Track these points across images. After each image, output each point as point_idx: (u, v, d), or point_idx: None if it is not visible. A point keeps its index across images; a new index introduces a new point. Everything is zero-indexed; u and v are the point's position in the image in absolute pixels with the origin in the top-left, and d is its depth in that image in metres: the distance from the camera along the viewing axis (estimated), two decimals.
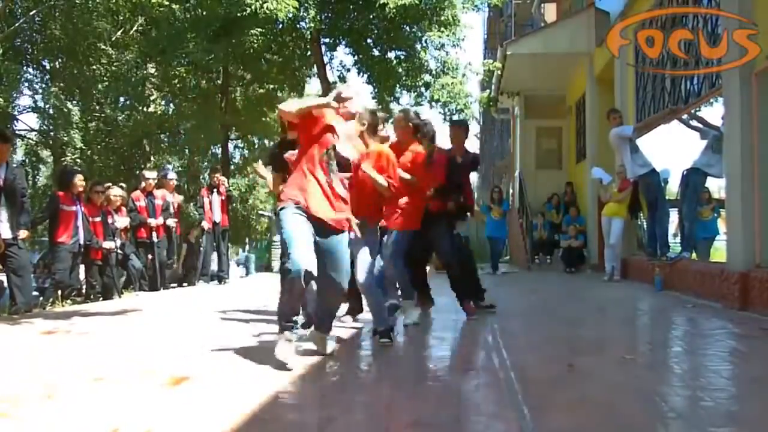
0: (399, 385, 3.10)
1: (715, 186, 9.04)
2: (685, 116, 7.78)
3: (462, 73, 14.04)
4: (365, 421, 2.58)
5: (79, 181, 8.03)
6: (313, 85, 18.22)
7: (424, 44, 13.63)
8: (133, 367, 3.53)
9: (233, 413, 2.57)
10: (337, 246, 3.65)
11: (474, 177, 23.70)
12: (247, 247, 28.29)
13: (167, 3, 14.20)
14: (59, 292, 7.80)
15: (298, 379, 3.22)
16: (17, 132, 18.62)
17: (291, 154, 4.13)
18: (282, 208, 3.58)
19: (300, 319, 3.97)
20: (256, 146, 21.42)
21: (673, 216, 8.72)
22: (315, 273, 3.38)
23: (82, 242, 7.95)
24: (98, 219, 8.38)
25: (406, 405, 2.75)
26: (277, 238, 10.21)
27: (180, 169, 20.48)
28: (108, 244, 8.38)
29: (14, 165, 7.12)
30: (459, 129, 6.03)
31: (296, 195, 3.58)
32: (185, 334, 4.85)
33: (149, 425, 2.49)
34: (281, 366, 3.43)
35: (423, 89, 13.90)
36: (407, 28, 13.20)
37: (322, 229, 3.60)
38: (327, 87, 14.43)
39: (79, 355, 3.95)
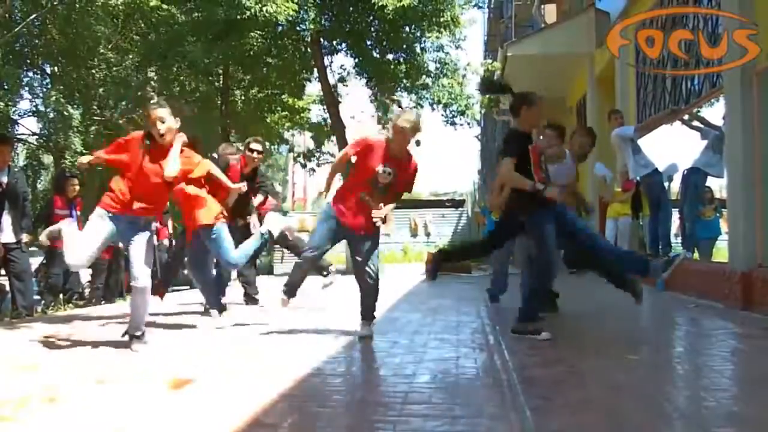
0: (401, 386, 3.09)
1: (717, 185, 9.03)
2: (686, 116, 7.78)
3: (462, 74, 14.03)
4: (367, 421, 2.57)
5: (73, 185, 8.03)
6: (313, 88, 18.19)
7: (423, 45, 13.63)
8: (135, 370, 3.53)
9: (236, 416, 2.57)
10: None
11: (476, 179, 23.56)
12: None
13: (166, 7, 14.19)
14: (61, 296, 7.81)
15: (301, 381, 3.22)
16: (18, 136, 18.61)
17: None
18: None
19: None
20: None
21: (675, 216, 8.71)
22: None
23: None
24: None
25: (407, 405, 2.75)
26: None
27: None
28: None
29: (16, 169, 7.13)
30: None
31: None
32: (187, 336, 4.85)
33: (152, 428, 2.49)
34: (283, 367, 3.43)
35: (423, 91, 13.89)
36: (407, 28, 13.19)
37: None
38: (327, 89, 14.42)
39: (82, 359, 3.95)
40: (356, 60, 14.16)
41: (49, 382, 3.21)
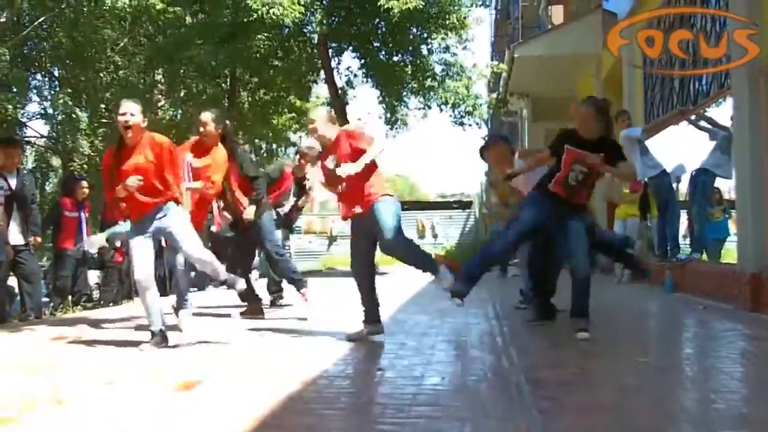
0: (409, 388, 3.09)
1: (726, 187, 9.00)
2: (693, 117, 7.74)
3: (468, 76, 14.02)
4: (375, 423, 2.57)
5: (82, 188, 8.07)
6: (320, 90, 18.21)
7: (430, 47, 13.64)
8: (143, 372, 3.54)
9: (244, 417, 2.57)
10: None
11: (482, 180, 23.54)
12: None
13: (173, 10, 14.25)
14: (70, 298, 7.84)
15: (309, 383, 3.22)
16: (27, 138, 18.74)
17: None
18: None
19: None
20: (263, 150, 21.42)
21: (683, 217, 8.68)
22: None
23: (86, 249, 8.00)
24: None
25: (415, 407, 2.74)
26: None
27: None
28: None
29: (24, 172, 7.17)
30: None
31: None
32: (195, 338, 4.85)
33: (160, 430, 2.49)
34: (291, 369, 3.44)
35: (430, 92, 13.89)
36: (413, 30, 13.20)
37: None
38: (334, 92, 14.44)
39: (89, 360, 3.97)
40: (363, 62, 14.17)
41: (57, 384, 3.22)
